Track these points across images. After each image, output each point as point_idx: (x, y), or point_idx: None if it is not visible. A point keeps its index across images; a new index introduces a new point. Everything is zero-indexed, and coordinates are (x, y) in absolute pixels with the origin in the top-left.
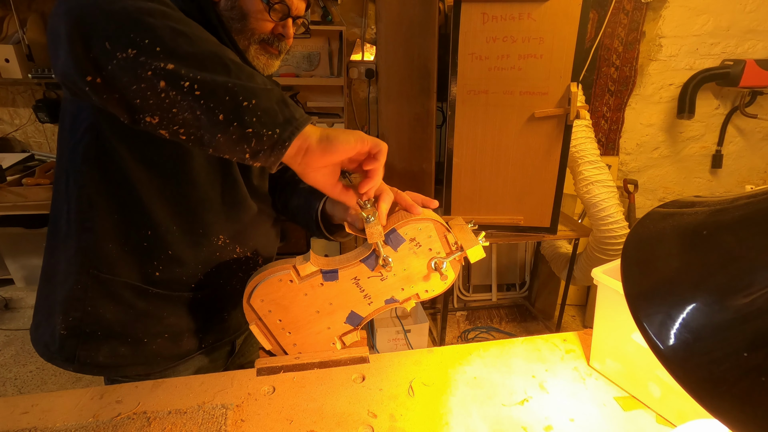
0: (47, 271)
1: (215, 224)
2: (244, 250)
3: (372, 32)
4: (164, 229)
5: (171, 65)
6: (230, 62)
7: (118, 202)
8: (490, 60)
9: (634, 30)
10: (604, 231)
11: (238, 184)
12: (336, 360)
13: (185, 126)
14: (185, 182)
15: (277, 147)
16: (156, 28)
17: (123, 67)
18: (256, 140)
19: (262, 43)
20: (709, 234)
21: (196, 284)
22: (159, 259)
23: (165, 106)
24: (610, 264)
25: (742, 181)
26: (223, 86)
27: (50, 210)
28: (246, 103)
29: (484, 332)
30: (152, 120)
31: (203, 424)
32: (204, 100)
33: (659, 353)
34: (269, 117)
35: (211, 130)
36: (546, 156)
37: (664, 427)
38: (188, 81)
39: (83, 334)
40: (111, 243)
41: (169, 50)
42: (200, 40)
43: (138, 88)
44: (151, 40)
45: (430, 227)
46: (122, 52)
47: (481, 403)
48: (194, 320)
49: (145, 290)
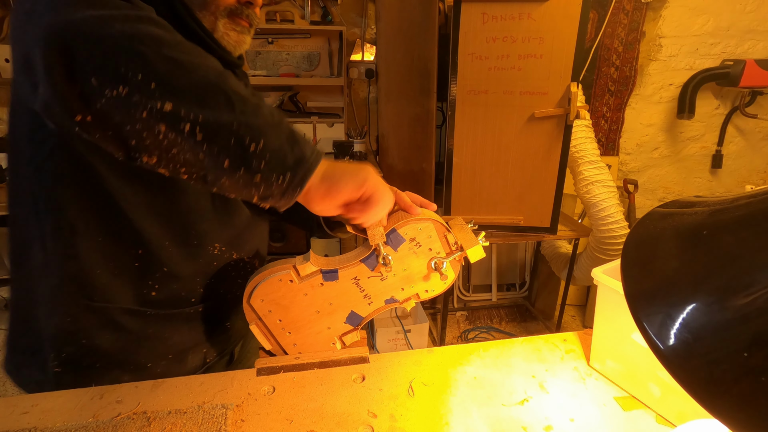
0: (20, 305)
1: (209, 233)
2: (241, 255)
3: (372, 32)
4: (156, 245)
5: (169, 104)
6: (233, 94)
7: (103, 224)
8: (490, 60)
9: (634, 30)
10: (604, 231)
11: None
12: (336, 360)
13: (186, 166)
14: (174, 193)
15: (288, 193)
16: (149, 60)
17: (114, 106)
18: (265, 186)
19: (231, 16)
20: (709, 234)
21: (196, 298)
22: (154, 277)
23: (164, 147)
24: (610, 264)
25: (742, 181)
26: (227, 128)
27: (10, 236)
28: (253, 146)
29: (484, 332)
30: (150, 160)
31: (203, 424)
32: (207, 144)
33: (659, 353)
34: (278, 160)
35: (216, 173)
36: (546, 156)
37: (664, 427)
38: (189, 123)
39: (81, 368)
40: (100, 269)
41: (165, 86)
42: (199, 68)
43: (132, 128)
44: (144, 75)
45: (430, 227)
46: (112, 89)
47: (481, 403)
48: (198, 335)
49: (142, 313)
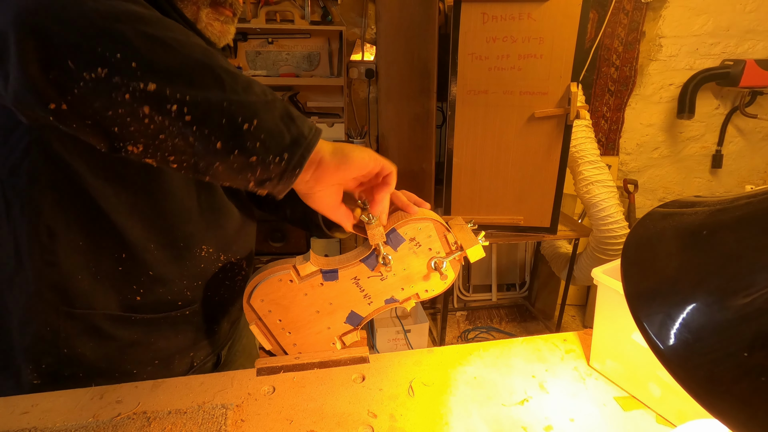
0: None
1: (196, 235)
2: (228, 256)
3: (372, 32)
4: (141, 248)
5: (153, 84)
6: (222, 71)
7: (84, 227)
8: (490, 60)
9: (634, 30)
10: (604, 231)
11: (215, 187)
12: (336, 360)
13: (176, 153)
14: (158, 193)
15: (287, 174)
16: (128, 37)
17: (93, 90)
18: (262, 169)
19: (214, 5)
20: (709, 234)
21: (182, 301)
22: (138, 282)
23: (150, 133)
24: (610, 264)
25: (742, 181)
26: (217, 106)
27: None
28: (246, 125)
29: (484, 332)
30: (135, 149)
31: (203, 424)
32: (197, 126)
33: (659, 353)
34: (274, 139)
35: (208, 158)
36: (546, 156)
37: (664, 427)
38: (176, 103)
39: (62, 379)
40: (81, 274)
41: (148, 65)
42: (183, 46)
43: (115, 114)
44: (124, 54)
45: (430, 227)
46: (90, 71)
47: (481, 403)
48: (184, 339)
49: (126, 318)
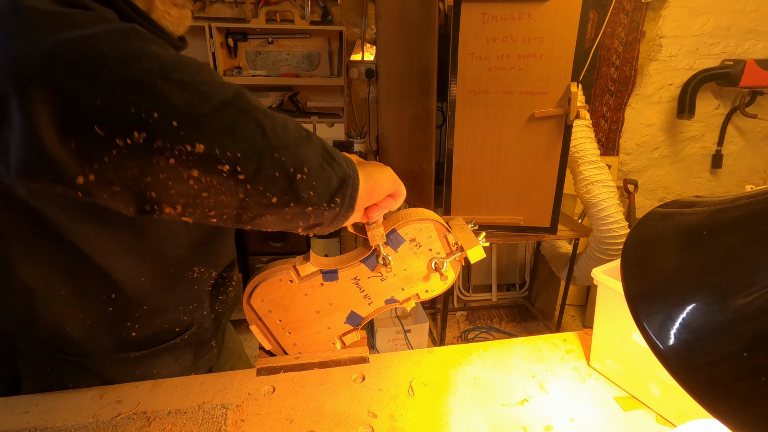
0: None
1: (187, 257)
2: (219, 271)
3: (372, 32)
4: (132, 285)
5: (201, 146)
6: (258, 113)
7: (65, 277)
8: (490, 60)
9: (634, 30)
10: (604, 231)
11: None
12: (336, 360)
13: (217, 208)
14: (143, 223)
15: (339, 218)
16: (161, 90)
17: (129, 157)
18: (315, 216)
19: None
20: (709, 234)
21: (180, 327)
22: (132, 318)
23: (193, 193)
24: (610, 264)
25: (742, 181)
26: (269, 159)
27: None
28: (300, 176)
29: (484, 332)
30: (173, 210)
31: (203, 424)
32: (251, 184)
33: (659, 353)
34: (324, 184)
35: (257, 210)
36: (546, 156)
37: (664, 427)
38: (228, 163)
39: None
40: (68, 325)
41: (190, 122)
42: (215, 90)
43: (155, 179)
44: (162, 112)
45: (430, 227)
46: (124, 137)
47: (481, 403)
48: (185, 362)
49: (125, 358)
